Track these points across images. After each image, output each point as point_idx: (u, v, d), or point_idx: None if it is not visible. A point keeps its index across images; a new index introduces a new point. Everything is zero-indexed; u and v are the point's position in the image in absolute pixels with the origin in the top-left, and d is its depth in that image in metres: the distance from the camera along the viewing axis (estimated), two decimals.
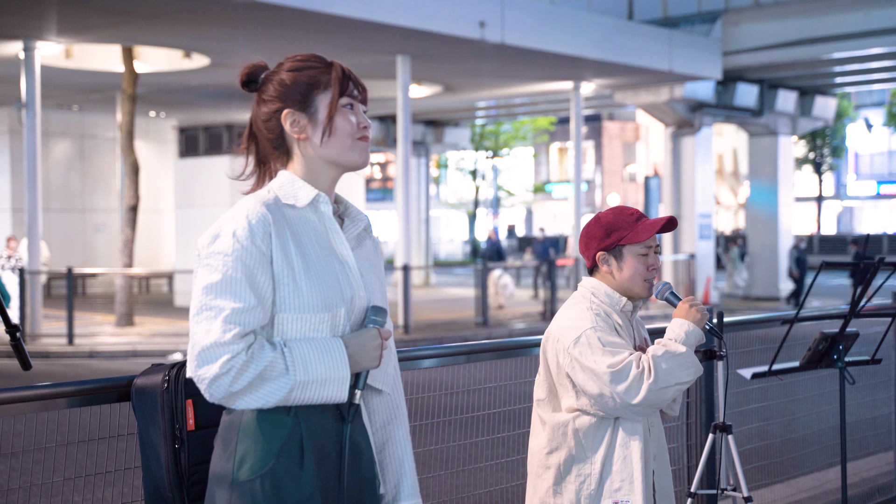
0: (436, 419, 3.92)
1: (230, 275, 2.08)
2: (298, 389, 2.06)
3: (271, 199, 2.18)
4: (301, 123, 2.23)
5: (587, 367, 2.78)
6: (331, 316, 2.15)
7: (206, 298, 2.08)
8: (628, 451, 2.84)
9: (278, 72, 2.27)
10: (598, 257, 2.97)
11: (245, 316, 2.06)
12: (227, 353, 2.02)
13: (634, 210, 3.01)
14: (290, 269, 2.13)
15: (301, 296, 2.12)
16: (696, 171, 23.15)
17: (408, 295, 16.45)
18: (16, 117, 18.68)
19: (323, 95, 2.24)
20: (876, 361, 4.39)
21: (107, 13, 13.78)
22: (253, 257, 2.09)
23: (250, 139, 2.32)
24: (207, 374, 2.03)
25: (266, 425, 2.09)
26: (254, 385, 2.04)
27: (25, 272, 15.31)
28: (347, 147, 2.25)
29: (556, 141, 49.60)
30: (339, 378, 2.10)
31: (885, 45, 20.01)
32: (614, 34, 18.89)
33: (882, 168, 50.64)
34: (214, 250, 2.11)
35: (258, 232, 2.10)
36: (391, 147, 28.94)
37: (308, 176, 2.25)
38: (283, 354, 2.07)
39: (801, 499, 5.69)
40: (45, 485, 3.03)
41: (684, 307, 2.90)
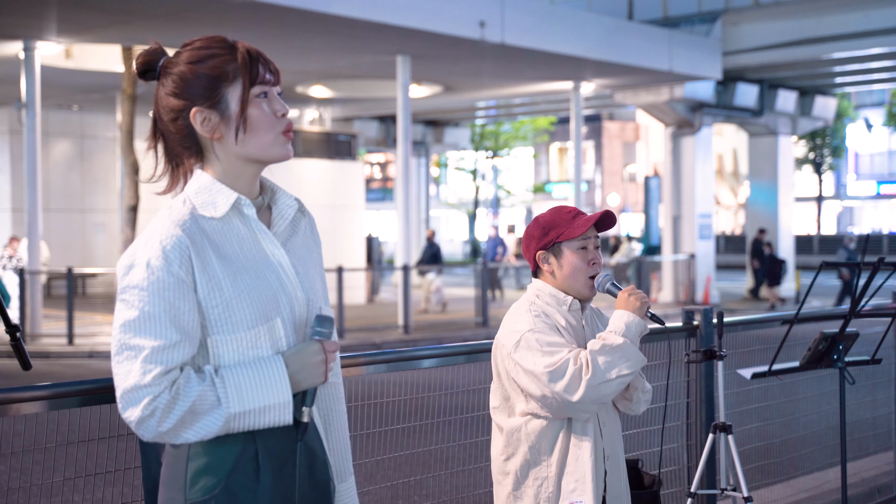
0: (436, 419, 3.92)
1: (147, 311, 1.91)
2: (236, 420, 1.93)
3: (187, 215, 2.01)
4: (213, 122, 2.03)
5: (528, 369, 2.78)
6: (268, 329, 2.00)
7: (123, 337, 1.92)
8: (580, 451, 2.83)
9: (177, 62, 2.04)
10: (538, 257, 2.96)
11: (166, 353, 1.91)
12: (148, 394, 1.89)
13: (572, 208, 2.99)
14: (218, 290, 1.97)
15: (233, 315, 1.97)
16: (696, 171, 23.15)
17: (408, 295, 16.45)
18: (16, 117, 18.67)
19: (232, 87, 2.02)
20: (876, 361, 4.39)
21: (107, 13, 13.78)
22: (171, 288, 1.93)
23: (156, 137, 2.10)
24: (132, 416, 1.92)
25: (217, 443, 1.97)
26: (186, 421, 1.91)
27: (25, 272, 15.30)
28: (269, 143, 2.05)
29: (556, 141, 49.60)
30: (279, 403, 1.96)
31: (885, 45, 20.01)
32: (614, 34, 18.89)
33: (882, 168, 50.64)
34: (129, 283, 1.94)
35: (174, 259, 1.93)
36: (391, 147, 28.95)
37: (227, 175, 2.07)
38: (213, 385, 1.93)
39: (801, 499, 5.68)
40: (45, 485, 3.03)
41: (623, 297, 2.87)
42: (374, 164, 56.10)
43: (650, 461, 4.21)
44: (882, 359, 4.53)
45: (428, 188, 31.23)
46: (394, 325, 16.84)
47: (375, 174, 56.91)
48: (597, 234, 2.97)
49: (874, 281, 3.89)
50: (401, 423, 3.74)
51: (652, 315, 2.87)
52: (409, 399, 3.85)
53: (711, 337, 4.38)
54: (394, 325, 16.84)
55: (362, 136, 27.13)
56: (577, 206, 3.08)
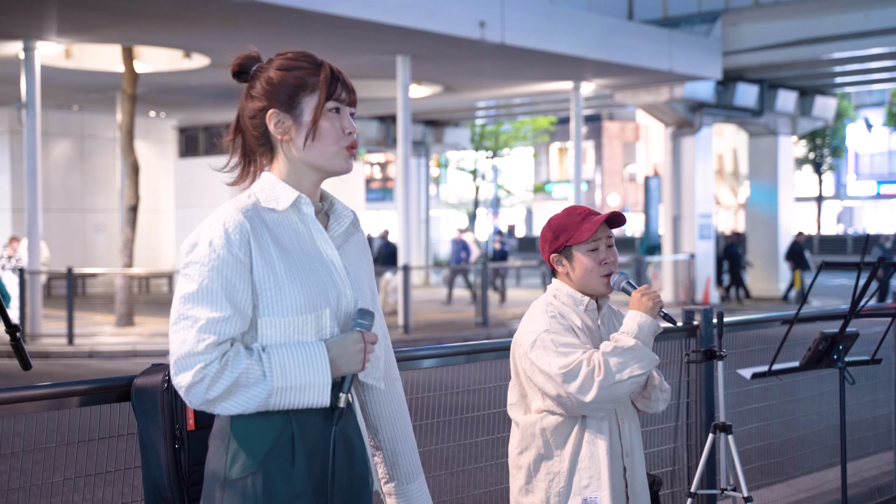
0: (436, 419, 3.92)
1: (206, 285, 2.08)
2: (277, 395, 2.07)
3: (250, 205, 2.17)
4: (285, 125, 2.21)
5: (542, 369, 2.84)
6: (315, 318, 2.15)
7: (182, 308, 2.08)
8: (595, 448, 2.87)
9: (268, 68, 2.23)
10: (552, 259, 3.03)
11: (220, 325, 2.06)
12: (200, 361, 2.04)
13: (584, 209, 3.03)
14: (272, 274, 2.12)
15: (284, 299, 2.12)
16: (696, 171, 23.15)
17: (408, 295, 16.45)
18: (16, 117, 18.67)
19: (309, 98, 2.20)
20: (876, 361, 4.39)
21: (107, 13, 13.78)
22: (230, 266, 2.09)
23: (237, 132, 2.29)
24: (183, 381, 2.05)
25: (257, 424, 2.10)
26: (230, 392, 2.04)
27: (25, 272, 15.30)
28: (332, 154, 2.22)
29: (556, 141, 49.61)
30: (319, 383, 2.10)
31: (885, 45, 20.01)
32: (614, 34, 18.89)
33: (882, 168, 50.66)
34: (191, 260, 2.11)
35: (235, 240, 2.10)
36: (391, 147, 28.94)
37: (291, 177, 2.23)
38: (259, 360, 2.07)
39: (801, 499, 5.69)
40: (45, 485, 3.03)
41: (636, 297, 2.91)
42: (374, 164, 56.11)
43: (650, 461, 4.22)
44: (882, 359, 4.53)
45: (428, 188, 31.21)
46: (394, 325, 16.84)
47: (375, 174, 56.91)
48: (609, 234, 3.01)
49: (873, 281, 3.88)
50: None
51: (665, 315, 2.92)
52: (409, 399, 3.84)
53: (711, 337, 4.38)
54: (394, 325, 16.84)
55: (362, 136, 27.13)
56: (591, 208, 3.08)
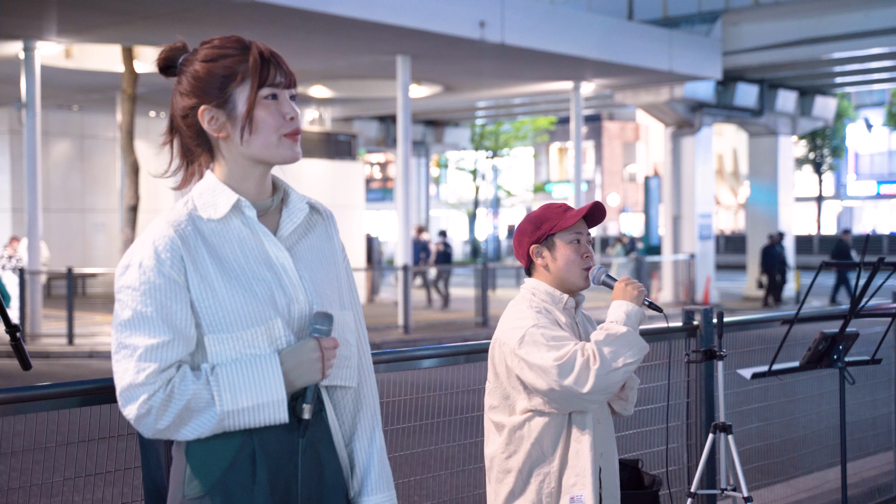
0: (436, 419, 3.92)
1: (140, 310, 1.96)
2: (230, 418, 1.95)
3: (184, 216, 2.04)
4: (220, 121, 2.05)
5: (534, 364, 2.79)
6: (265, 329, 2.01)
7: (120, 336, 1.97)
8: (580, 446, 2.86)
9: (193, 61, 2.07)
10: (531, 251, 2.98)
11: (161, 351, 1.94)
12: (144, 392, 1.93)
13: (562, 203, 3.04)
14: (210, 290, 1.99)
15: (227, 315, 1.99)
16: (696, 171, 23.15)
17: (408, 295, 16.45)
18: (16, 117, 18.67)
19: (241, 88, 2.03)
20: (876, 361, 4.39)
21: (107, 13, 13.78)
22: (162, 289, 1.96)
23: (172, 132, 2.13)
24: (130, 414, 1.96)
25: (215, 440, 2.00)
26: (182, 418, 1.94)
27: (25, 272, 15.30)
28: (273, 144, 2.05)
29: (556, 141, 49.60)
30: (273, 401, 1.97)
31: (885, 45, 20.01)
32: (614, 34, 18.89)
33: (882, 168, 50.63)
34: (123, 284, 1.99)
35: (165, 259, 1.97)
36: (391, 147, 28.95)
37: (234, 175, 2.09)
38: (207, 384, 1.95)
39: (801, 499, 5.68)
40: (45, 485, 3.03)
41: (620, 287, 2.89)
42: (374, 164, 56.10)
43: (650, 461, 4.22)
44: (882, 359, 4.53)
45: (428, 188, 31.23)
46: (394, 325, 16.84)
47: (375, 174, 56.89)
48: (588, 231, 3.01)
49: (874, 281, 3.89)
50: (401, 423, 3.74)
51: (650, 303, 2.90)
52: (409, 399, 3.85)
53: (711, 337, 4.38)
54: (394, 325, 16.84)
55: (362, 136, 27.13)
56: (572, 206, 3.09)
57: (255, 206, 2.10)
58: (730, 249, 40.17)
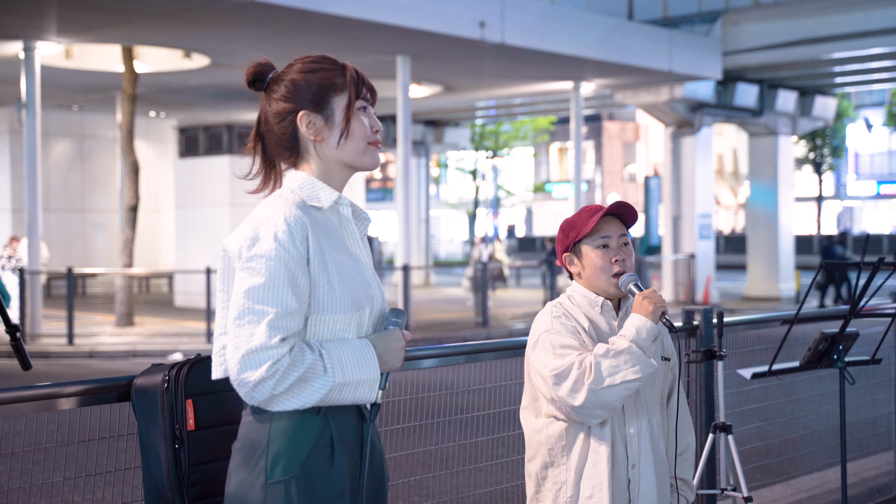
0: (436, 419, 3.92)
1: (273, 278, 2.09)
2: (336, 391, 2.10)
3: (300, 201, 2.21)
4: (317, 125, 2.24)
5: (539, 371, 2.76)
6: (358, 316, 2.19)
7: (248, 302, 2.08)
8: (597, 457, 2.76)
9: (289, 72, 2.27)
10: (564, 259, 2.93)
11: (288, 320, 2.08)
12: (272, 357, 2.04)
13: (595, 206, 2.91)
14: (326, 271, 2.16)
15: (335, 297, 2.16)
16: (696, 171, 23.15)
17: (408, 295, 16.45)
18: (16, 117, 18.67)
19: (338, 98, 2.25)
20: (876, 361, 4.38)
21: (107, 13, 13.78)
22: (294, 260, 2.11)
23: (257, 138, 2.31)
24: (251, 377, 2.04)
25: (298, 426, 2.12)
26: (295, 387, 2.06)
27: (25, 272, 15.30)
28: (361, 150, 2.27)
29: (556, 141, 49.59)
30: (371, 379, 2.15)
31: (885, 45, 20.01)
32: (614, 34, 18.89)
33: (882, 168, 50.64)
34: (256, 253, 2.11)
35: (297, 234, 2.13)
36: (391, 147, 28.94)
37: (323, 177, 2.26)
38: (321, 357, 2.10)
39: (801, 499, 5.68)
40: (45, 485, 3.03)
41: (638, 300, 2.75)
42: None
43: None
44: (882, 359, 4.53)
45: (428, 188, 31.21)
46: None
47: (375, 174, 56.90)
48: (623, 232, 2.88)
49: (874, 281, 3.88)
50: (401, 423, 3.75)
51: (666, 320, 2.79)
52: (409, 399, 3.85)
53: (711, 337, 4.38)
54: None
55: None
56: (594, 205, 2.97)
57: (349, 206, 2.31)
58: (730, 249, 40.17)
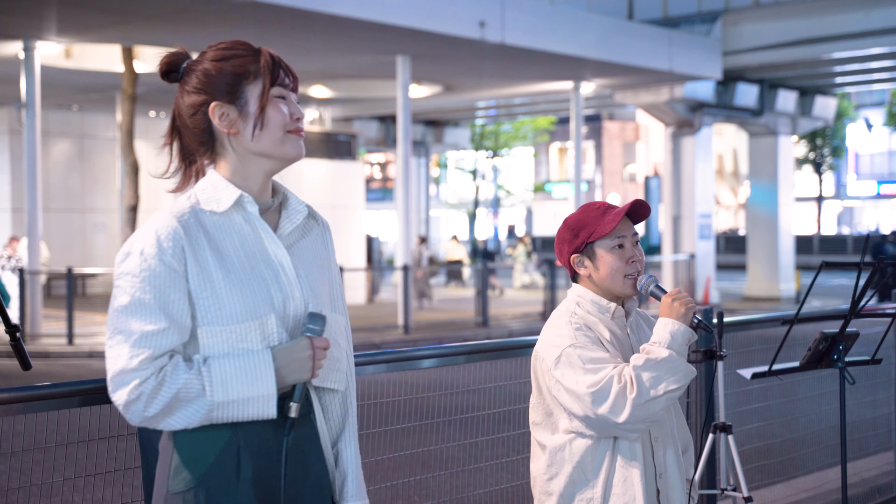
0: (436, 419, 3.92)
1: (138, 297, 1.99)
2: (219, 409, 1.98)
3: (188, 209, 2.07)
4: (231, 117, 2.11)
5: (569, 388, 2.59)
6: (259, 324, 2.03)
7: (116, 321, 2.00)
8: (629, 473, 2.64)
9: (202, 61, 2.13)
10: (572, 261, 2.76)
11: (156, 339, 1.97)
12: (135, 378, 1.95)
13: (602, 203, 2.78)
14: (209, 282, 2.02)
15: (222, 308, 2.02)
16: (696, 171, 23.15)
17: (408, 295, 16.45)
18: (16, 117, 18.67)
19: (252, 86, 2.11)
20: (876, 361, 4.38)
21: (107, 13, 13.78)
22: (162, 277, 1.99)
23: (173, 134, 2.19)
24: (120, 399, 1.97)
25: (201, 437, 2.02)
26: (171, 408, 1.96)
27: (25, 272, 15.30)
28: (279, 139, 2.12)
29: (556, 141, 49.58)
30: (263, 395, 1.99)
31: (885, 45, 20.01)
32: (614, 34, 18.89)
33: (882, 168, 50.64)
34: (123, 270, 2.02)
35: (167, 248, 2.00)
36: (391, 147, 28.94)
37: (238, 172, 2.13)
38: (199, 374, 1.97)
39: (801, 499, 5.68)
40: (45, 485, 3.03)
41: (667, 303, 2.63)
42: (374, 164, 56.09)
43: None
44: (882, 359, 4.52)
45: (428, 188, 31.23)
46: (394, 325, 16.85)
47: (375, 174, 56.88)
48: (634, 231, 2.76)
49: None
50: (401, 423, 3.74)
51: (699, 321, 2.64)
52: (409, 399, 3.85)
53: (711, 337, 4.38)
54: (394, 325, 16.85)
55: (362, 136, 27.13)
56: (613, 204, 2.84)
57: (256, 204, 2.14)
58: (730, 249, 40.17)
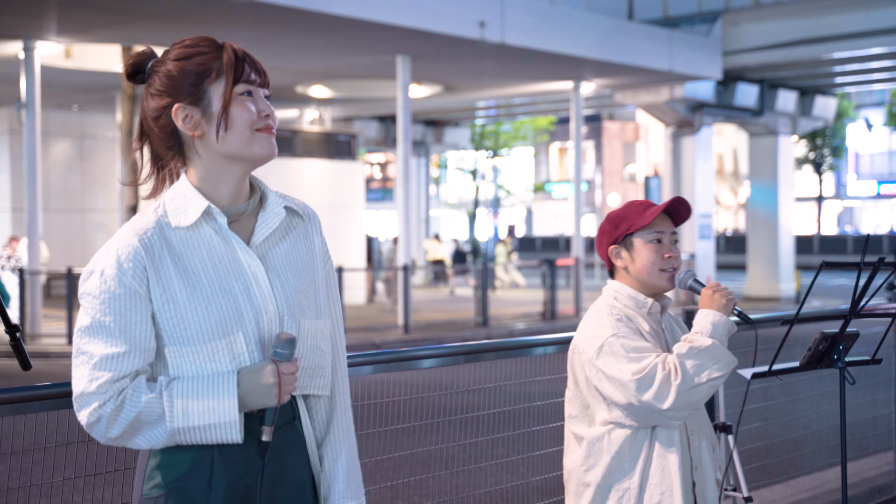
0: (436, 419, 3.92)
1: (98, 319, 1.94)
2: (181, 434, 1.94)
3: (152, 224, 1.99)
4: (194, 119, 2.00)
5: (612, 377, 2.66)
6: (227, 343, 1.97)
7: (79, 342, 1.96)
8: (666, 463, 2.71)
9: (165, 61, 2.03)
10: (610, 252, 2.85)
11: (115, 362, 1.92)
12: (95, 401, 1.93)
13: (645, 200, 2.88)
14: (172, 302, 1.95)
15: (187, 328, 1.96)
16: (696, 171, 23.16)
17: (408, 295, 16.45)
18: (16, 117, 18.66)
19: (216, 85, 2.00)
20: (876, 361, 4.38)
21: (107, 13, 13.78)
22: (121, 299, 1.93)
23: (142, 138, 2.08)
24: (82, 420, 1.96)
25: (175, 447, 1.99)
26: (134, 428, 1.94)
27: (25, 272, 15.30)
28: (247, 139, 2.00)
29: (556, 141, 49.59)
30: (225, 422, 1.93)
31: (885, 45, 20.01)
32: (614, 34, 18.90)
33: (882, 168, 50.65)
34: (85, 290, 1.97)
35: (128, 269, 1.94)
36: (391, 147, 28.94)
37: (209, 176, 2.03)
38: (160, 398, 1.93)
39: (801, 499, 5.68)
40: (45, 485, 3.03)
41: (707, 294, 2.72)
42: (374, 164, 56.09)
43: None
44: (882, 359, 4.52)
45: (428, 188, 31.23)
46: (394, 325, 16.85)
47: (375, 174, 56.88)
48: (674, 230, 2.86)
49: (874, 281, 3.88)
50: (401, 423, 3.74)
51: (739, 313, 2.76)
52: (409, 399, 3.85)
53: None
54: (394, 325, 16.85)
55: (362, 136, 27.13)
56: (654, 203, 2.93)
57: (229, 211, 2.05)
58: (730, 249, 40.17)
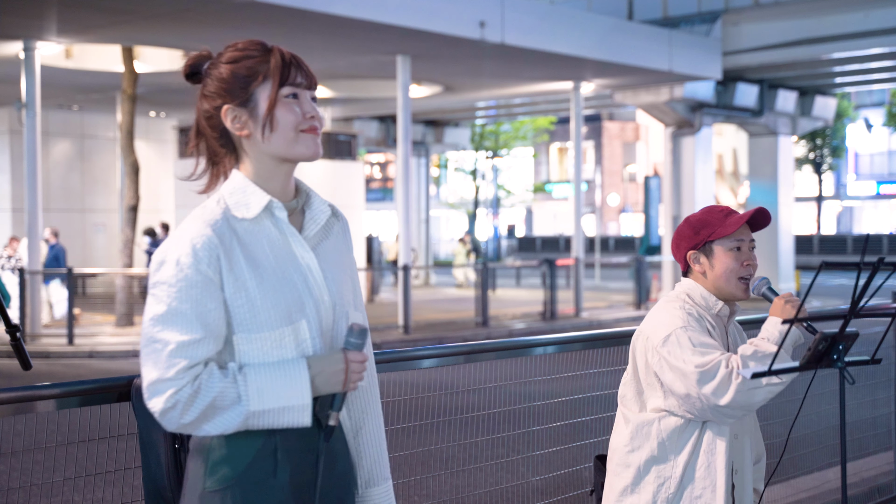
0: (436, 419, 3.92)
1: (175, 306, 1.99)
2: (255, 418, 2.00)
3: (219, 215, 2.08)
4: (242, 119, 2.11)
5: (675, 366, 2.71)
6: (293, 331, 2.06)
7: (152, 330, 2.00)
8: (713, 459, 2.76)
9: (217, 64, 2.13)
10: (688, 257, 2.91)
11: (191, 349, 1.98)
12: (171, 387, 1.97)
13: (725, 207, 2.93)
14: (244, 291, 2.03)
15: (257, 315, 2.04)
16: (696, 171, 23.16)
17: (408, 295, 16.45)
18: (16, 117, 18.66)
19: (262, 87, 2.10)
20: (876, 361, 4.37)
21: (107, 13, 13.78)
22: (198, 286, 2.00)
23: (198, 137, 2.18)
24: (156, 407, 1.98)
25: (238, 436, 2.04)
26: (206, 415, 1.98)
27: (25, 272, 15.30)
28: (291, 140, 2.10)
29: (556, 141, 49.61)
30: (298, 405, 2.02)
31: (885, 45, 20.02)
32: (614, 34, 18.90)
33: (882, 168, 50.64)
34: (159, 279, 2.02)
35: (203, 258, 2.01)
36: (391, 147, 28.95)
37: (259, 174, 2.14)
38: (235, 382, 1.99)
39: (801, 499, 5.68)
40: (45, 485, 3.03)
41: (779, 304, 2.78)
42: (374, 164, 56.10)
43: None
44: (882, 359, 4.52)
45: (428, 188, 31.24)
46: (394, 325, 16.85)
47: (375, 174, 56.89)
48: (752, 238, 2.91)
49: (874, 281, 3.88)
50: (401, 423, 3.74)
51: (808, 325, 2.79)
52: (409, 399, 3.85)
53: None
54: (394, 325, 16.85)
55: (362, 136, 27.13)
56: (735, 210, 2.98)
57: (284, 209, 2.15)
58: None
